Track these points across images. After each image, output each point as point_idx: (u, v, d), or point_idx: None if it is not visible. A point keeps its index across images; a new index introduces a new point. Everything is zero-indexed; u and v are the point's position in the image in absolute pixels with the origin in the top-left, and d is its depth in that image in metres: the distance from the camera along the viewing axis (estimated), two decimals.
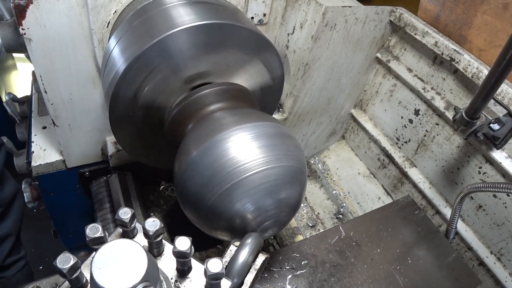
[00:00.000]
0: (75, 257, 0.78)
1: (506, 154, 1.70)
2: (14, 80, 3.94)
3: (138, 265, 0.75)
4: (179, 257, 0.88)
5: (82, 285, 0.84)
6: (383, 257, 1.51)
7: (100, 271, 0.73)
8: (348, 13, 1.87)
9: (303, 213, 2.41)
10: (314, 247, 1.50)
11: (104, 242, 0.86)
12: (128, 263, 0.75)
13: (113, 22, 1.45)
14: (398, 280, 1.45)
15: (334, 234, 1.57)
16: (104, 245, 0.78)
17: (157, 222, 0.88)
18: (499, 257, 1.82)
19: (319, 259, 1.47)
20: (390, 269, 1.48)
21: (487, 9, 1.72)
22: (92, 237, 0.85)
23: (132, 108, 1.31)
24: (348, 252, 1.51)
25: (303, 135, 2.48)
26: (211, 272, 0.83)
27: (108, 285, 0.71)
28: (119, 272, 0.73)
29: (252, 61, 1.38)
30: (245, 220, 1.14)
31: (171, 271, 0.93)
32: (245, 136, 1.15)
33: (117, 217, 0.91)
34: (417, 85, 2.05)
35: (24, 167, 1.93)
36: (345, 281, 1.41)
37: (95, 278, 0.72)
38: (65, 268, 0.77)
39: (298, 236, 2.17)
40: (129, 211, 0.91)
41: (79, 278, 0.82)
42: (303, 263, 1.44)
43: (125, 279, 0.72)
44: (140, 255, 0.76)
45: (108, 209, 1.80)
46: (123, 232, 0.95)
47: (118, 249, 0.77)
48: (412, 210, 1.72)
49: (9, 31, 1.52)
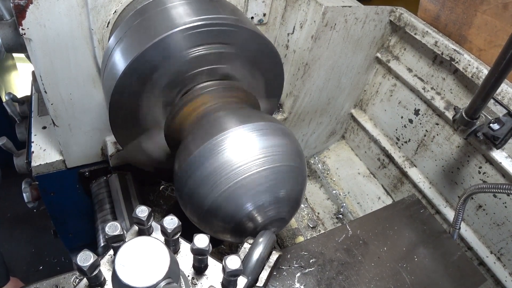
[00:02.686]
0: (95, 255, 0.79)
1: (506, 154, 1.70)
2: (14, 80, 3.93)
3: (160, 262, 0.75)
4: (197, 254, 0.88)
5: (100, 282, 0.85)
6: (390, 255, 1.54)
7: (124, 268, 0.74)
8: (348, 13, 1.87)
9: (303, 214, 2.41)
10: (321, 245, 1.53)
11: (122, 240, 0.87)
12: (151, 261, 0.76)
13: (113, 22, 1.45)
14: (404, 277, 1.47)
15: (341, 233, 1.59)
16: (126, 243, 0.78)
17: (175, 220, 0.89)
18: (499, 257, 1.82)
19: (327, 257, 1.49)
20: (396, 267, 1.50)
21: (487, 9, 1.72)
22: (111, 235, 0.86)
23: (132, 107, 1.31)
24: (355, 250, 1.53)
25: (303, 135, 2.48)
26: (229, 268, 0.84)
27: (132, 282, 0.72)
28: (142, 269, 0.74)
29: (255, 64, 1.39)
30: (245, 220, 1.14)
31: (187, 269, 0.94)
32: (245, 136, 1.15)
33: (134, 215, 0.91)
34: (417, 85, 2.06)
35: (24, 167, 1.93)
36: (352, 278, 1.43)
37: (119, 276, 0.73)
38: (85, 266, 0.78)
39: (298, 237, 2.17)
40: (146, 209, 0.91)
41: (98, 276, 0.83)
42: (311, 261, 1.46)
43: (149, 276, 0.73)
44: (162, 253, 0.77)
45: (108, 210, 1.80)
46: (139, 230, 0.95)
47: (140, 246, 0.78)
48: (418, 209, 1.75)
49: (9, 31, 1.52)
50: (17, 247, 3.08)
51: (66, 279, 1.18)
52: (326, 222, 2.39)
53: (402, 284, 1.45)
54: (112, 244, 0.87)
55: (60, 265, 2.99)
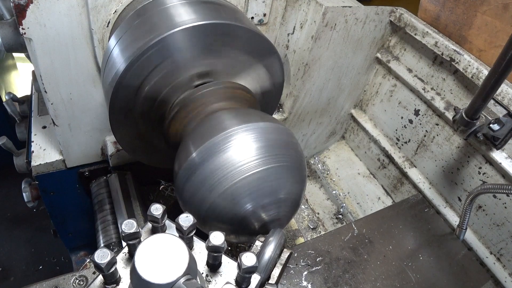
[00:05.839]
0: (112, 252, 0.80)
1: (506, 155, 1.70)
2: (14, 80, 3.94)
3: (180, 259, 0.76)
4: (212, 252, 0.89)
5: (115, 280, 0.85)
6: (395, 254, 1.56)
7: (144, 265, 0.74)
8: (348, 13, 1.87)
9: (304, 215, 2.41)
10: (328, 244, 1.55)
11: (138, 238, 0.88)
12: (170, 257, 0.76)
13: (113, 21, 1.45)
14: (410, 276, 1.49)
15: (347, 232, 1.61)
16: (146, 240, 0.79)
17: (190, 217, 0.90)
18: (498, 257, 1.82)
19: (333, 256, 1.51)
20: (402, 266, 1.52)
21: (487, 10, 1.72)
22: (127, 232, 0.86)
23: (132, 107, 1.31)
24: (361, 249, 1.55)
25: (303, 135, 2.48)
26: (245, 265, 0.84)
27: (152, 279, 0.72)
28: (162, 266, 0.75)
29: (255, 65, 1.39)
30: (245, 220, 1.14)
31: (202, 267, 0.95)
32: (245, 136, 1.15)
33: (149, 213, 0.92)
34: (417, 85, 2.06)
35: (24, 167, 1.93)
36: (359, 277, 1.45)
37: (139, 272, 0.73)
38: (103, 263, 0.78)
39: (299, 239, 2.17)
40: (161, 207, 0.92)
41: (114, 274, 0.83)
42: (318, 260, 1.48)
43: (169, 273, 0.73)
44: (181, 250, 0.77)
45: (108, 211, 1.80)
46: (153, 227, 0.96)
47: (159, 243, 0.78)
48: (422, 208, 1.76)
49: (9, 31, 1.52)
50: (17, 247, 3.08)
51: (66, 280, 1.17)
52: (326, 222, 2.39)
53: (407, 282, 1.47)
54: (128, 241, 0.88)
55: (59, 265, 2.99)
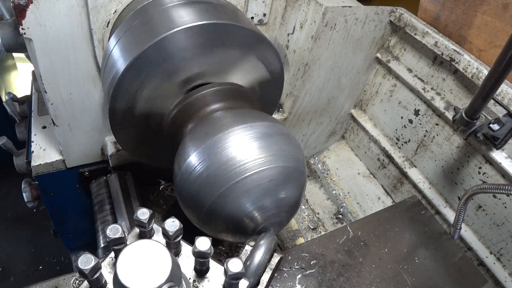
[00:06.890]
0: (96, 258, 0.79)
1: (506, 154, 1.70)
2: (14, 80, 3.94)
3: (162, 266, 0.75)
4: (199, 257, 0.88)
5: (101, 285, 0.84)
6: (391, 257, 1.54)
7: (125, 271, 0.74)
8: (348, 13, 1.87)
9: (304, 215, 2.41)
10: (322, 247, 1.53)
11: (123, 243, 0.87)
12: (153, 264, 0.75)
13: (113, 21, 1.45)
14: (406, 279, 1.47)
15: (342, 234, 1.59)
16: (128, 246, 0.78)
17: (176, 222, 0.89)
18: (498, 257, 1.82)
19: (328, 258, 1.49)
20: (398, 269, 1.50)
21: (487, 10, 1.72)
22: (112, 237, 0.85)
23: (132, 107, 1.31)
24: (356, 252, 1.53)
25: (303, 135, 2.48)
26: (231, 271, 0.83)
27: (134, 286, 0.72)
28: (144, 272, 0.74)
29: (247, 57, 1.37)
30: (244, 220, 1.14)
31: (189, 272, 0.94)
32: (244, 136, 1.15)
33: (135, 217, 0.91)
34: (417, 85, 2.06)
35: (24, 167, 1.93)
36: (353, 280, 1.43)
37: (121, 279, 0.73)
38: (86, 269, 0.77)
39: (299, 239, 2.16)
40: (148, 212, 0.91)
41: (99, 279, 0.82)
42: (312, 263, 1.46)
43: (151, 280, 0.73)
44: (164, 256, 0.77)
45: (108, 211, 1.80)
46: (141, 232, 0.95)
47: (142, 249, 0.77)
48: (419, 210, 1.75)
49: (9, 31, 1.52)
50: (17, 247, 3.08)
51: (66, 281, 1.17)
52: (326, 222, 2.39)
53: (403, 286, 1.45)
54: (113, 246, 0.87)
55: (59, 265, 2.99)
